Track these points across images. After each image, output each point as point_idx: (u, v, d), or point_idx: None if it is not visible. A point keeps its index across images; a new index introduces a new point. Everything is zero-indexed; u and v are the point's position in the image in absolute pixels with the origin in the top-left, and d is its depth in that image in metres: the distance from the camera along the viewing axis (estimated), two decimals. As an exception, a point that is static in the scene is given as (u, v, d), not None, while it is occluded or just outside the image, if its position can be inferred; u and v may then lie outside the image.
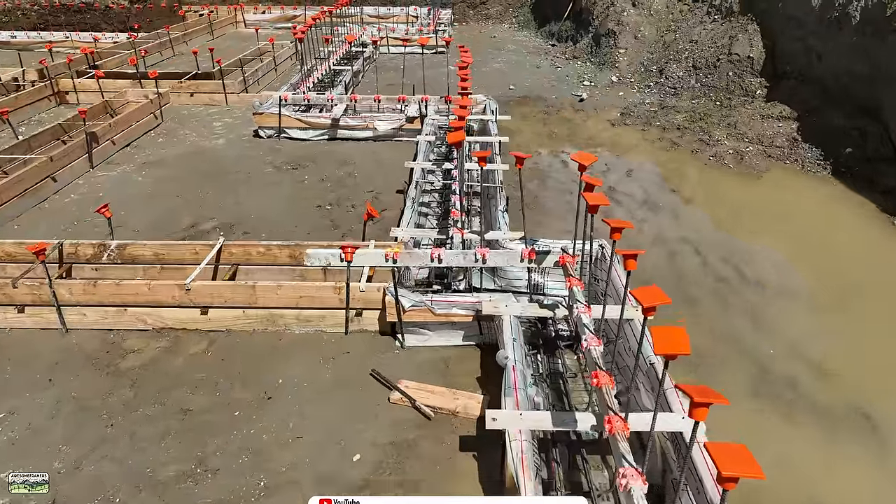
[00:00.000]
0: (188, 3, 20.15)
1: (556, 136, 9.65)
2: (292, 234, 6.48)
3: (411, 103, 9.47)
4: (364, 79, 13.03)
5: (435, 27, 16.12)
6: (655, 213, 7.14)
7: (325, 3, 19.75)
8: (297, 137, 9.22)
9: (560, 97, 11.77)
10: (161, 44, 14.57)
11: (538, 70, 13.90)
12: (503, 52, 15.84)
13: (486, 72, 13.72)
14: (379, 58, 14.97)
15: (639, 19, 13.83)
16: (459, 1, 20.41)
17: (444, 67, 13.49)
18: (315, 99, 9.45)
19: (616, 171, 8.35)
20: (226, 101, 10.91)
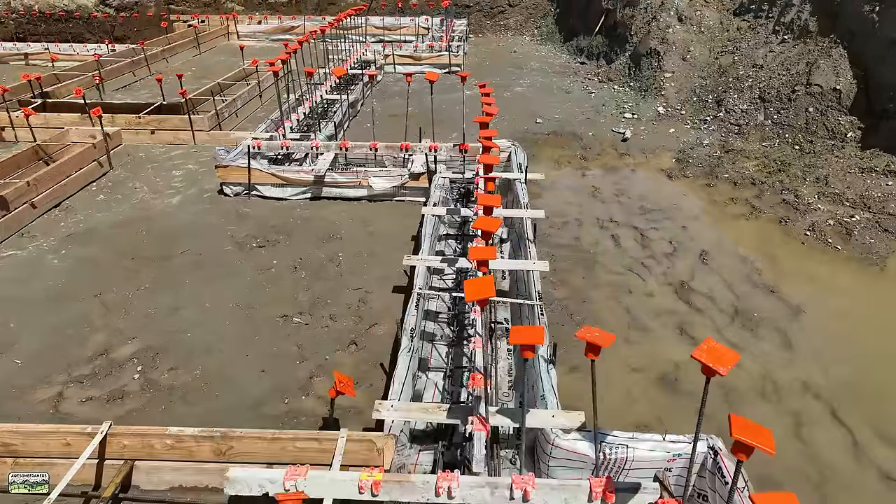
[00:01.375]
0: (178, 12, 18.25)
1: (601, 195, 7.55)
2: (238, 373, 4.46)
3: (416, 153, 7.42)
4: (364, 107, 11.00)
5: (448, 41, 14.08)
6: (754, 333, 5.03)
7: (327, 11, 17.78)
8: (271, 197, 7.21)
9: (598, 134, 9.66)
10: (135, 62, 12.61)
11: (568, 95, 11.79)
12: (525, 71, 13.73)
13: (508, 98, 11.63)
14: (383, 79, 12.93)
15: (687, 37, 11.68)
16: (475, 10, 18.33)
17: (457, 91, 11.44)
18: (295, 147, 7.42)
19: (685, 252, 6.24)
20: (193, 139, 8.92)
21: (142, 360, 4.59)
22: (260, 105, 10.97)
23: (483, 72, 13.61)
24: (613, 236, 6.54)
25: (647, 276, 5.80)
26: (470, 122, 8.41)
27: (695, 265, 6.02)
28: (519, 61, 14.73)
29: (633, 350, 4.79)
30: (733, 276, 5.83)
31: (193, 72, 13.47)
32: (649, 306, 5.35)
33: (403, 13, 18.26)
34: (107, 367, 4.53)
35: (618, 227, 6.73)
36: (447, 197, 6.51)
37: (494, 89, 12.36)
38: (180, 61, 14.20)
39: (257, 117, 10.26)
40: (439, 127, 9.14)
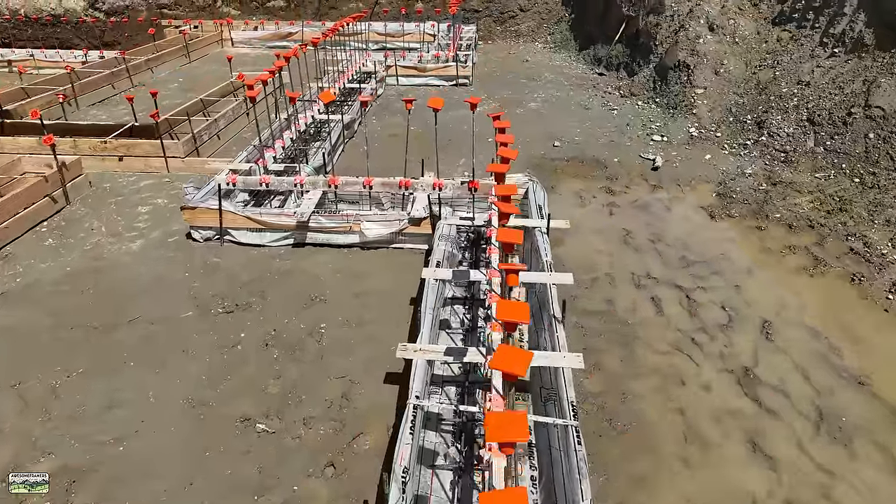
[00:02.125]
0: (170, 17, 17.20)
1: (634, 241, 6.40)
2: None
3: (418, 191, 6.30)
4: (362, 126, 9.89)
5: (456, 50, 12.95)
6: (849, 449, 3.88)
7: (327, 16, 16.70)
8: (247, 243, 6.11)
9: (624, 160, 8.51)
10: (114, 74, 11.54)
11: (587, 113, 10.64)
12: (539, 83, 12.58)
13: (521, 116, 10.49)
14: (385, 92, 11.81)
15: (719, 48, 10.50)
16: (485, 15, 17.19)
17: (465, 107, 10.34)
18: (276, 183, 6.31)
19: (743, 323, 5.10)
20: (166, 167, 7.84)
21: (53, 489, 3.50)
22: (247, 123, 9.87)
23: (493, 83, 12.48)
24: (654, 299, 5.39)
25: (701, 359, 4.66)
26: (481, 154, 7.32)
27: (757, 342, 4.87)
28: (532, 72, 13.57)
29: (695, 477, 3.66)
30: (807, 357, 4.68)
31: (180, 84, 12.41)
32: (708, 405, 4.21)
33: (408, 18, 17.15)
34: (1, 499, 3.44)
35: (657, 286, 5.59)
36: (453, 251, 5.39)
37: (506, 105, 11.26)
38: (167, 71, 13.14)
39: (243, 139, 9.18)
40: (445, 151, 8.06)
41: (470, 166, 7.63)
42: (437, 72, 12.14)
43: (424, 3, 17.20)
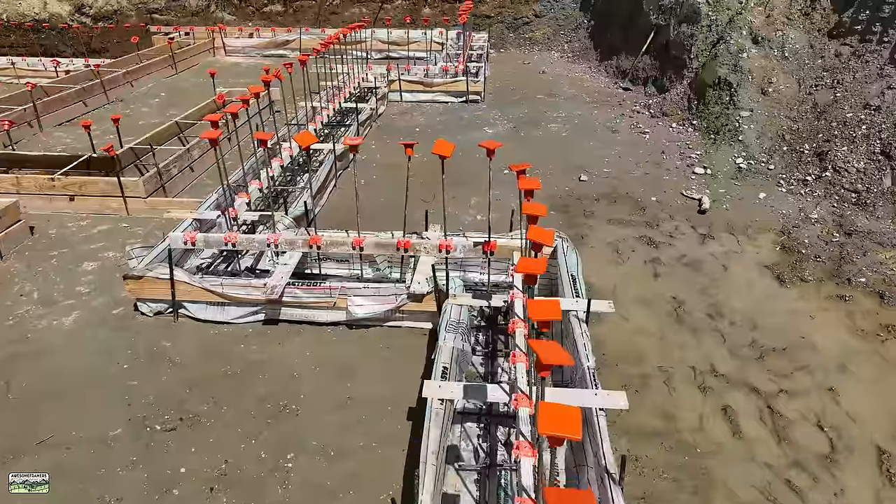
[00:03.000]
0: (160, 23, 16.02)
1: (688, 317, 5.10)
2: None
3: (421, 255, 5.04)
4: (360, 154, 8.64)
5: (465, 62, 11.66)
6: None
7: (328, 21, 15.46)
8: (206, 320, 4.87)
9: (664, 199, 7.21)
10: (86, 90, 10.33)
11: (615, 137, 9.33)
12: (559, 100, 11.28)
13: (540, 140, 9.21)
14: (386, 111, 10.54)
15: (766, 64, 9.17)
16: (496, 21, 15.89)
17: (478, 129, 9.07)
18: (245, 242, 5.06)
19: (852, 453, 3.79)
20: (125, 208, 6.62)
21: None
22: (229, 150, 8.62)
23: (507, 100, 11.19)
24: (726, 411, 4.10)
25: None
26: (497, 188, 6.08)
27: (876, 484, 3.58)
28: (549, 85, 12.27)
29: None
30: (950, 515, 3.38)
31: (162, 100, 11.19)
32: None
33: (415, 24, 15.88)
34: None
35: (727, 389, 4.30)
36: (464, 344, 4.11)
37: (523, 127, 9.97)
38: (150, 84, 11.94)
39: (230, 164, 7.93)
40: (456, 187, 6.82)
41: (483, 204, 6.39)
42: (445, 87, 10.87)
43: (432, 8, 15.94)
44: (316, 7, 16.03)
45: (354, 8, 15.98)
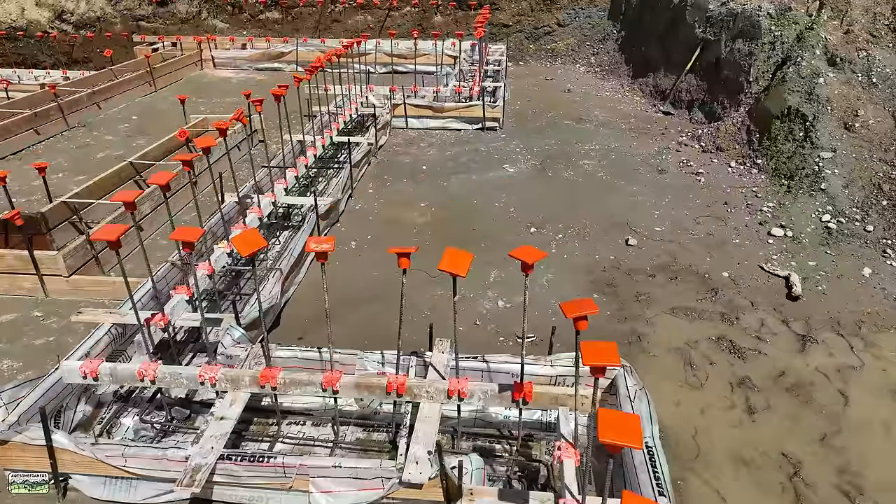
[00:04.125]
0: (145, 32, 14.53)
1: (812, 495, 3.45)
2: None
3: (422, 402, 3.41)
4: (354, 202, 7.04)
5: (480, 81, 10.02)
6: None
7: (329, 30, 13.90)
8: (104, 500, 3.29)
9: (737, 274, 5.56)
10: (38, 115, 8.78)
11: (663, 179, 7.67)
12: (590, 126, 9.62)
13: (573, 184, 7.56)
14: (388, 142, 8.94)
15: (849, 92, 7.48)
16: (515, 30, 14.24)
17: (497, 168, 7.41)
18: (166, 378, 3.46)
19: None
20: (42, 290, 5.08)
21: None
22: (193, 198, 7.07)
23: (530, 127, 9.56)
24: None
25: None
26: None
27: None
28: (576, 107, 10.62)
29: None
30: None
31: (132, 125, 9.67)
32: None
33: (424, 32, 14.27)
34: None
35: None
36: None
37: (550, 165, 8.31)
38: (121, 105, 10.43)
39: (183, 223, 6.39)
40: (470, 246, 5.20)
41: (509, 283, 4.83)
42: (457, 112, 9.25)
43: (444, 16, 14.32)
44: (316, 15, 14.47)
45: (358, 16, 14.40)
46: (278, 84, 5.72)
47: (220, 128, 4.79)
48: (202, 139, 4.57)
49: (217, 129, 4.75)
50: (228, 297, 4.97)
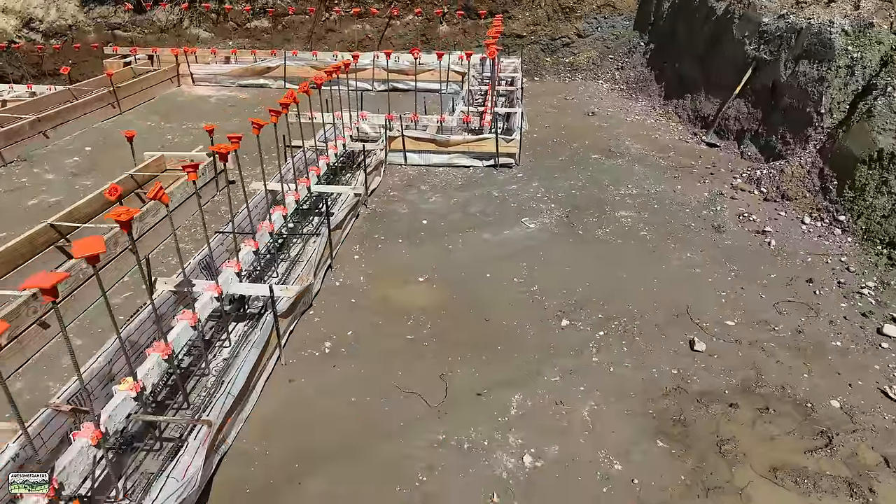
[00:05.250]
0: (118, 43, 13.04)
1: None
2: None
3: None
4: (334, 277, 5.50)
5: (492, 107, 8.47)
6: None
7: (324, 40, 12.39)
8: None
9: (851, 403, 3.99)
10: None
11: (722, 241, 6.09)
12: (622, 161, 8.06)
13: (607, 245, 5.98)
14: (382, 184, 7.39)
15: (959, 133, 5.88)
16: (530, 41, 12.68)
17: (514, 224, 5.84)
18: None
19: None
20: None
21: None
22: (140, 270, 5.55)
23: (551, 163, 8.00)
24: None
25: None
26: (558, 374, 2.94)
27: None
28: (604, 136, 9.05)
29: None
30: None
31: (83, 158, 8.16)
32: None
33: (427, 42, 12.73)
34: None
35: None
36: None
37: (579, 219, 6.70)
38: (76, 132, 8.94)
39: (118, 307, 4.88)
40: (479, 353, 3.79)
41: (534, 409, 3.30)
42: (465, 147, 7.70)
43: (450, 25, 12.76)
44: (309, 23, 12.94)
45: (356, 25, 12.87)
46: (267, 105, 4.20)
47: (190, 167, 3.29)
48: (156, 189, 3.17)
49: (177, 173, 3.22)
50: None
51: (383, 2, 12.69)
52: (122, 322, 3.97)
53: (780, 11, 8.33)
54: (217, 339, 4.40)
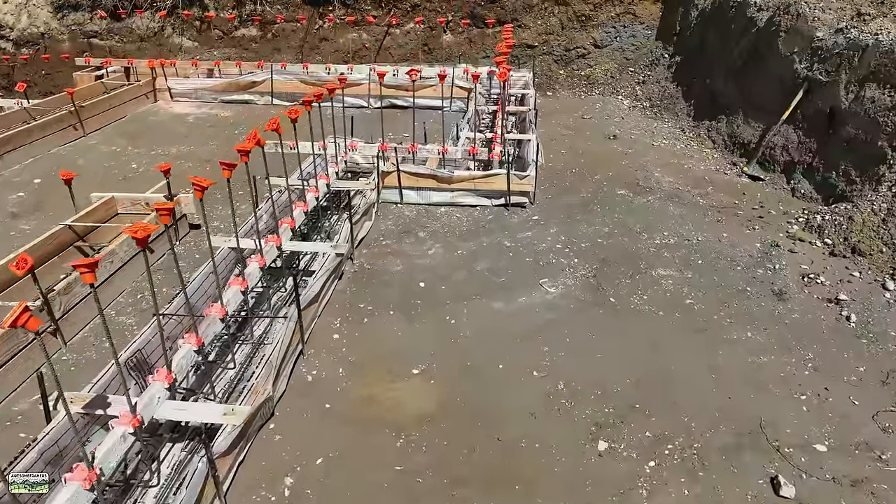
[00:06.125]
0: (96, 51, 11.93)
1: None
2: None
3: None
4: (306, 362, 4.34)
5: (503, 134, 7.31)
6: None
7: (318, 50, 11.27)
8: None
9: None
10: None
11: (789, 313, 4.90)
12: (653, 200, 6.88)
13: (645, 318, 4.80)
14: (373, 229, 6.22)
15: None
16: (542, 52, 11.49)
17: (528, 284, 4.70)
18: None
19: None
20: None
21: None
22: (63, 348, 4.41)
23: (571, 199, 6.83)
24: None
25: None
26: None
27: None
28: (629, 164, 7.87)
29: None
30: None
31: (28, 195, 7.02)
32: None
33: (430, 52, 11.58)
34: None
35: None
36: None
37: (610, 280, 5.35)
38: (28, 160, 7.82)
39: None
40: (502, 489, 2.51)
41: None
42: (472, 184, 6.54)
43: (455, 34, 11.59)
44: (301, 32, 11.79)
45: (352, 33, 11.71)
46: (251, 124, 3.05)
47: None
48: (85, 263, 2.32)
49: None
50: None
51: (381, 9, 11.53)
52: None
53: (838, 25, 7.13)
54: (139, 486, 3.25)
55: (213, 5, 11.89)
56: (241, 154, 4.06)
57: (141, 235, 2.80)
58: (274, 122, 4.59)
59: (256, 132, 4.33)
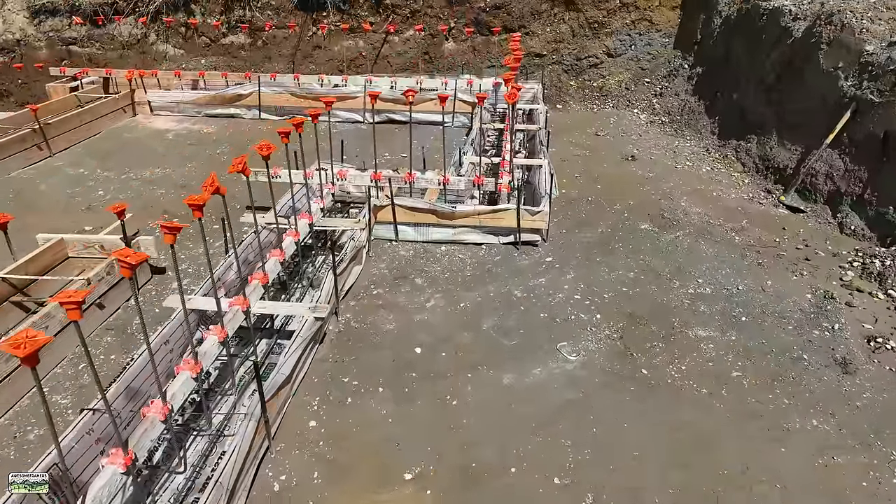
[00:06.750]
0: (73, 59, 11.14)
1: None
2: None
3: None
4: (274, 461, 3.52)
5: (512, 156, 6.46)
6: None
7: (311, 58, 10.47)
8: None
9: None
10: None
11: (858, 391, 4.05)
12: (679, 233, 6.03)
13: (684, 399, 3.95)
14: (363, 273, 5.38)
15: None
16: (551, 61, 10.65)
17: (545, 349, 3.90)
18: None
19: None
20: None
21: None
22: None
23: (589, 236, 5.99)
24: None
25: None
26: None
27: None
28: (651, 192, 7.03)
29: None
30: None
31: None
32: None
33: (431, 62, 10.75)
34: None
35: None
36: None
37: (639, 336, 4.45)
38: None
39: None
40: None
41: None
42: (478, 219, 5.70)
43: (457, 42, 10.76)
44: (294, 39, 10.97)
45: (347, 41, 10.88)
46: (236, 142, 2.23)
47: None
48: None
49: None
50: None
51: (379, 15, 10.70)
52: None
53: (890, 38, 6.28)
54: None
55: (199, 10, 11.07)
56: (194, 209, 3.24)
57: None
58: (240, 161, 3.78)
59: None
